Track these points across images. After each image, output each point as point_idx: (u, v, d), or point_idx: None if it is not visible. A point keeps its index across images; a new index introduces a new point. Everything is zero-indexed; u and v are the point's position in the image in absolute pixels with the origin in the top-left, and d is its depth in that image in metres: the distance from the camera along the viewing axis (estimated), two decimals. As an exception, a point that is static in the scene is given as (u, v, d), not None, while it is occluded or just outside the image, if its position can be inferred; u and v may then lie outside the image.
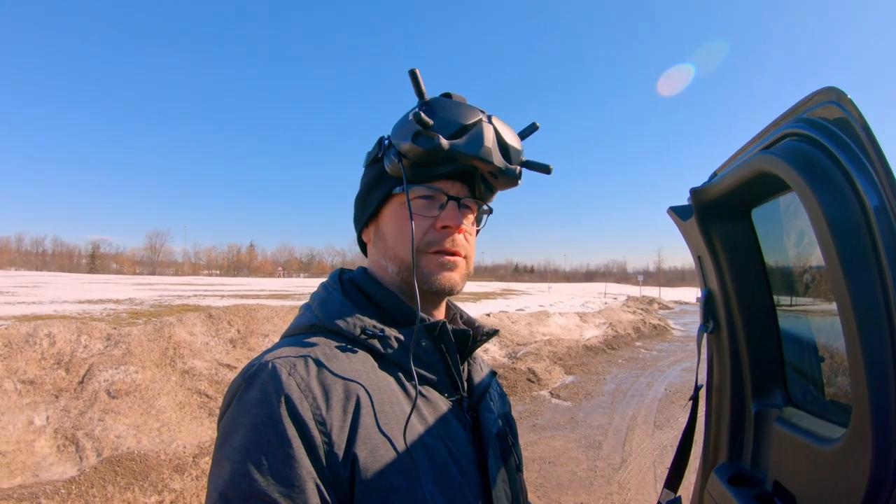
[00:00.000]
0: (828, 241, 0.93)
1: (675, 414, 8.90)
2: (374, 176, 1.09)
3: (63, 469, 5.40)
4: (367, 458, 0.84)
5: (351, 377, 0.90)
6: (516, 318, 17.51)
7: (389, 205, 1.08)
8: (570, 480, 5.99)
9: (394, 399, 0.93)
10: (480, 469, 1.01)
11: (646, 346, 17.83)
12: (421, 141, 0.97)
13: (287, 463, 0.79)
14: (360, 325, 0.98)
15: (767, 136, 1.23)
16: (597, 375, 12.16)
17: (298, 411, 0.82)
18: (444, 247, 1.03)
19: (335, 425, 0.84)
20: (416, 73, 0.97)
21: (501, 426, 1.13)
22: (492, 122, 1.04)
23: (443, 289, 1.04)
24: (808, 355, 1.41)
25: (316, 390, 0.85)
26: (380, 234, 1.10)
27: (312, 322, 1.02)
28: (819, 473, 1.09)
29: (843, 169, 0.94)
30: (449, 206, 1.04)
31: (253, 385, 0.85)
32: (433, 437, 0.94)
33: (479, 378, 1.14)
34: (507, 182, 1.10)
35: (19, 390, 6.43)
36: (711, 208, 1.48)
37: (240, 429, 0.82)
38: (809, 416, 1.28)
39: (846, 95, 0.98)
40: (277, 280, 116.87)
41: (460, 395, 1.05)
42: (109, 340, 8.00)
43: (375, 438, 0.86)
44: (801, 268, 1.36)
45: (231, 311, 10.75)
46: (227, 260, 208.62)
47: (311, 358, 0.90)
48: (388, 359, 0.98)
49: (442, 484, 0.91)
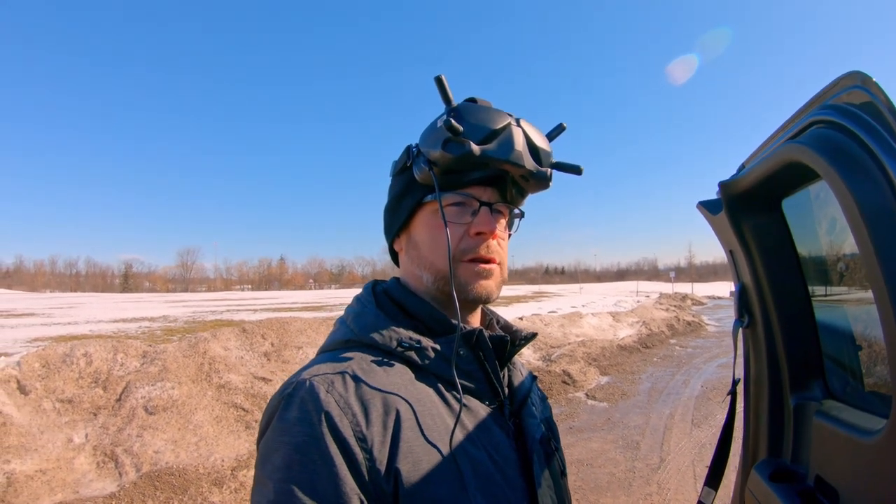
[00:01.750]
0: (860, 228, 0.91)
1: (713, 411, 8.80)
2: (404, 185, 1.09)
3: (103, 485, 5.50)
4: (409, 472, 0.84)
5: (390, 391, 0.90)
6: (549, 321, 17.43)
7: (421, 213, 1.08)
8: (609, 482, 5.94)
9: (434, 411, 0.93)
10: (525, 476, 1.00)
11: (680, 343, 17.65)
12: (451, 148, 0.96)
13: (331, 481, 0.79)
14: (397, 338, 0.98)
15: (794, 125, 1.21)
16: (632, 375, 12.07)
17: (339, 428, 0.82)
18: (479, 254, 1.03)
19: (376, 440, 0.84)
20: (443, 80, 0.98)
21: (544, 431, 1.11)
22: (520, 125, 1.03)
23: (479, 297, 1.03)
24: (845, 346, 1.38)
25: (355, 406, 0.85)
26: (412, 244, 1.09)
27: (348, 337, 1.02)
28: (861, 466, 1.06)
29: (872, 154, 0.92)
30: (482, 211, 1.03)
31: (292, 403, 0.86)
32: (476, 447, 0.93)
33: (519, 383, 1.14)
34: (538, 185, 1.09)
35: (58, 409, 6.57)
36: (741, 201, 1.46)
37: (281, 448, 0.82)
38: (850, 409, 1.25)
39: (871, 79, 0.96)
40: (309, 292, 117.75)
41: (501, 402, 1.04)
42: (145, 358, 8.14)
43: (417, 451, 0.86)
44: (835, 256, 1.34)
45: (264, 324, 10.86)
46: (258, 274, 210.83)
47: (349, 373, 0.90)
48: (426, 370, 0.97)
49: (487, 493, 0.90)
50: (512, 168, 1.02)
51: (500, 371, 1.06)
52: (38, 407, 6.47)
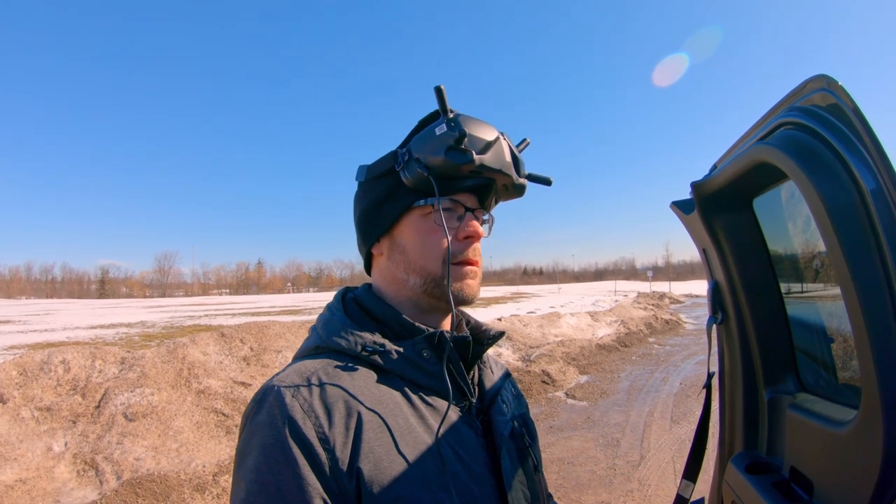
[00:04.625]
0: (828, 227, 0.94)
1: (692, 408, 8.88)
2: (387, 189, 1.10)
3: (84, 493, 5.44)
4: (371, 471, 0.86)
5: (353, 394, 0.93)
6: (528, 321, 17.47)
7: (408, 217, 1.09)
8: (590, 479, 5.98)
9: (397, 411, 0.95)
10: (495, 472, 1.02)
11: (659, 341, 17.78)
12: (454, 156, 1.00)
13: (294, 481, 0.82)
14: (361, 343, 1.00)
15: (763, 127, 1.24)
16: (611, 374, 12.13)
17: (302, 431, 0.85)
18: (467, 256, 1.07)
19: (338, 442, 0.87)
20: (442, 90, 1.01)
21: (517, 427, 1.14)
22: (505, 138, 1.09)
23: (467, 298, 1.07)
24: (818, 340, 1.42)
25: (318, 410, 0.89)
26: (397, 248, 1.10)
27: (317, 343, 1.06)
28: (834, 456, 1.10)
29: (837, 155, 0.95)
30: (468, 217, 1.08)
31: (261, 409, 0.90)
32: (440, 445, 0.96)
33: (490, 381, 1.17)
34: (517, 193, 1.17)
35: (36, 417, 6.48)
36: (713, 201, 1.49)
37: (252, 450, 0.86)
38: (822, 401, 1.29)
39: (836, 82, 0.99)
40: (287, 296, 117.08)
41: (469, 401, 1.07)
42: (124, 364, 8.04)
43: (378, 451, 0.89)
44: (810, 254, 1.37)
45: (243, 328, 10.78)
46: (235, 278, 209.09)
47: (314, 379, 0.93)
48: (391, 373, 1.00)
49: (453, 491, 0.92)
50: (501, 177, 1.09)
51: (466, 370, 1.09)
52: (17, 415, 6.37)
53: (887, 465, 0.92)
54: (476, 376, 1.15)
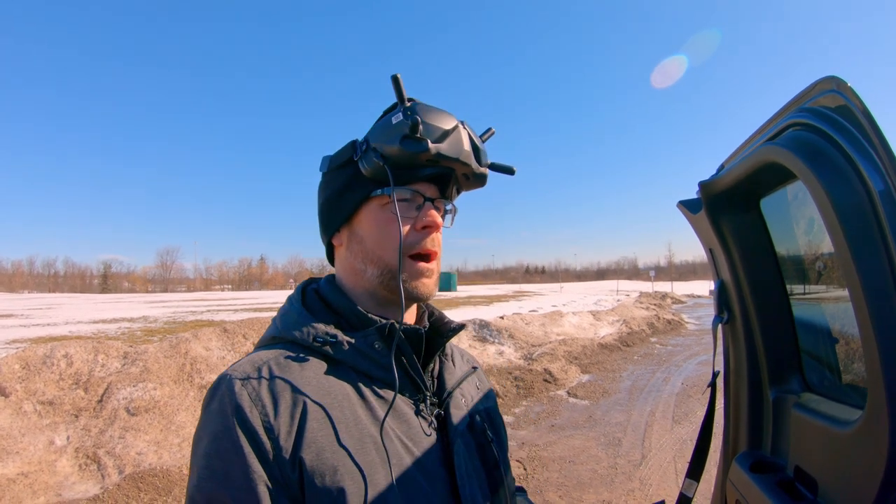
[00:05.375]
0: (836, 227, 0.95)
1: (693, 408, 8.87)
2: (346, 179, 1.11)
3: (86, 487, 5.44)
4: (312, 461, 0.88)
5: (300, 384, 0.94)
6: (530, 320, 17.46)
7: (366, 207, 1.10)
8: (591, 478, 5.98)
9: (345, 403, 0.96)
10: (448, 467, 1.03)
11: (661, 341, 17.75)
12: (409, 144, 1.00)
13: (240, 467, 0.85)
14: (314, 333, 1.01)
15: (772, 127, 1.24)
16: (613, 373, 12.13)
17: (249, 420, 0.87)
18: (425, 246, 1.07)
19: (283, 431, 0.88)
20: (399, 79, 1.01)
21: (479, 421, 1.15)
22: (465, 127, 1.08)
23: (421, 297, 1.08)
24: (823, 341, 1.42)
25: (265, 399, 0.90)
26: (356, 238, 1.11)
27: (274, 334, 1.07)
28: (839, 456, 1.10)
29: (846, 155, 0.95)
30: (427, 206, 1.08)
31: (214, 397, 0.92)
32: (389, 438, 0.96)
33: (450, 375, 1.17)
34: (477, 183, 1.16)
35: (39, 411, 6.48)
36: (720, 200, 1.50)
37: (204, 437, 0.90)
38: (827, 401, 1.29)
39: (846, 83, 1.00)
40: (289, 292, 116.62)
41: (423, 394, 1.07)
42: (126, 359, 8.05)
43: (321, 441, 0.90)
44: (813, 255, 1.37)
45: (245, 324, 10.78)
46: (238, 274, 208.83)
47: (265, 369, 0.95)
48: (343, 363, 1.01)
49: (400, 484, 0.93)
50: (459, 166, 1.08)
51: (419, 363, 1.08)
52: (19, 409, 6.38)
53: (892, 464, 0.92)
54: (436, 369, 1.16)
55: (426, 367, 1.11)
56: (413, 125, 0.98)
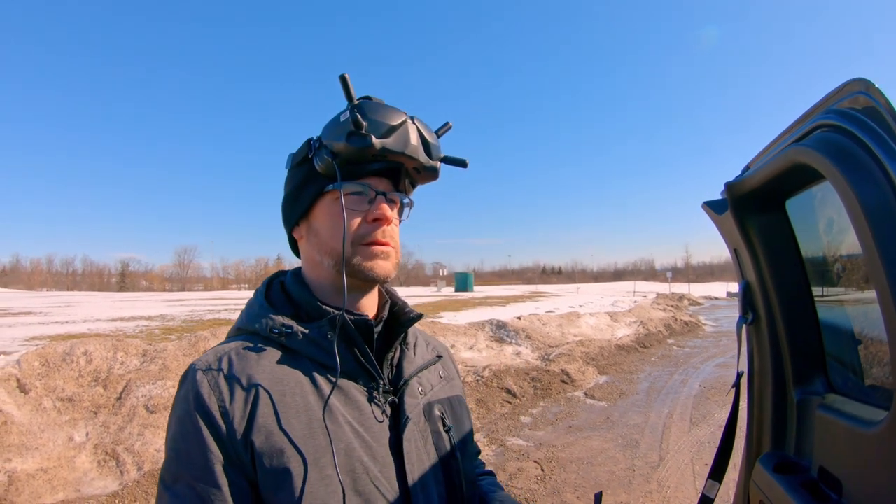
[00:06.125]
0: (864, 228, 0.95)
1: (711, 410, 8.83)
2: (303, 175, 1.17)
3: (105, 484, 5.50)
4: (262, 444, 0.95)
5: (255, 372, 1.01)
6: (547, 320, 17.42)
7: (321, 202, 1.16)
8: (609, 480, 5.97)
9: (297, 390, 1.02)
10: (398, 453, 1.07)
11: (678, 343, 17.67)
12: (354, 140, 1.05)
13: (199, 449, 0.94)
14: (271, 325, 1.08)
15: (799, 129, 1.25)
16: (630, 374, 12.08)
17: (207, 406, 0.96)
18: (375, 238, 1.11)
19: (237, 415, 0.96)
20: (346, 78, 1.05)
21: (437, 409, 1.20)
22: (415, 122, 1.13)
23: (378, 277, 1.12)
24: (846, 343, 1.42)
25: (222, 386, 0.98)
26: (313, 231, 1.17)
27: (238, 326, 1.16)
28: (864, 456, 1.10)
29: (875, 156, 0.95)
30: (378, 200, 1.13)
31: (182, 385, 1.02)
32: (337, 423, 1.01)
33: (409, 363, 1.21)
34: (429, 176, 1.22)
35: (58, 408, 6.54)
36: (746, 201, 1.50)
37: (172, 422, 1.00)
38: (852, 402, 1.29)
39: (873, 85, 1.00)
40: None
41: (377, 383, 1.11)
42: (145, 356, 8.11)
43: (270, 426, 0.96)
44: (834, 258, 1.38)
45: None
46: (255, 273, 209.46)
47: (225, 359, 1.03)
48: (299, 353, 1.07)
49: (346, 468, 0.99)
50: (407, 160, 1.13)
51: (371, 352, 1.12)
52: (39, 406, 6.44)
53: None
54: (396, 358, 1.20)
55: (384, 356, 1.16)
56: (355, 122, 1.04)
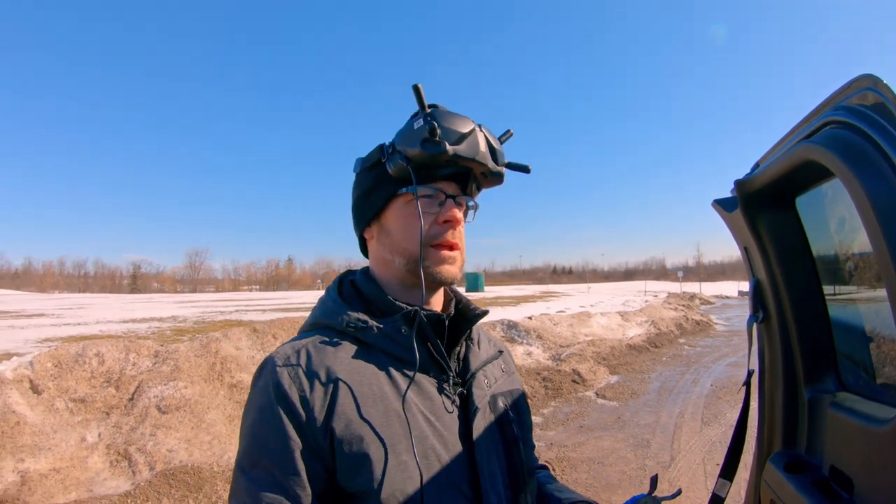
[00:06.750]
0: (874, 225, 0.94)
1: (723, 410, 8.79)
2: (375, 179, 1.22)
3: (117, 483, 5.54)
4: (342, 431, 1.00)
5: (333, 364, 1.07)
6: (558, 320, 17.38)
7: (394, 204, 1.21)
8: (620, 480, 5.96)
9: (373, 381, 1.08)
10: (467, 440, 1.13)
11: (689, 342, 17.61)
12: (429, 147, 1.10)
13: (278, 437, 0.98)
14: (347, 320, 1.13)
15: (808, 126, 1.24)
16: (641, 374, 12.05)
17: (288, 395, 1.01)
18: (445, 239, 1.17)
19: (317, 405, 1.01)
20: (419, 88, 1.12)
21: (501, 401, 1.26)
22: (482, 129, 1.18)
23: (445, 280, 1.19)
24: (857, 341, 1.41)
25: (302, 376, 1.03)
26: (385, 232, 1.23)
27: (312, 321, 1.22)
28: (875, 454, 1.09)
29: (884, 153, 0.95)
30: (449, 203, 1.19)
31: (260, 376, 1.07)
32: (411, 412, 1.06)
33: (475, 357, 1.27)
34: (495, 181, 1.26)
35: (71, 408, 6.60)
36: (756, 198, 1.49)
37: (251, 410, 1.05)
38: (863, 400, 1.28)
39: (882, 81, 1.00)
40: (317, 292, 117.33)
41: (447, 374, 1.17)
42: (157, 357, 8.17)
43: (350, 414, 1.01)
44: (845, 255, 1.37)
45: (275, 324, 10.91)
46: (266, 275, 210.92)
47: (303, 351, 1.08)
48: (373, 346, 1.12)
49: (420, 455, 1.03)
50: (476, 166, 1.18)
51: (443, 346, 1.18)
52: (51, 406, 6.50)
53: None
54: (462, 352, 1.25)
55: (452, 350, 1.21)
56: (431, 129, 1.09)
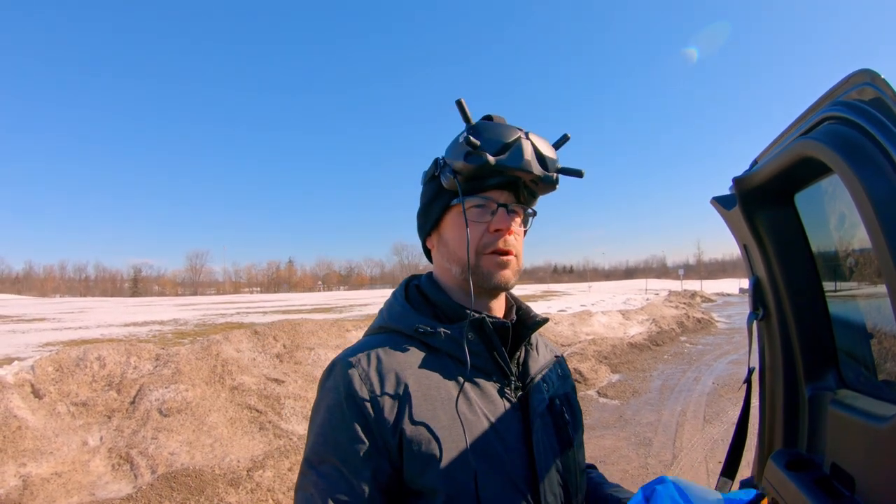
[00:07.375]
0: (873, 221, 0.94)
1: (725, 408, 8.79)
2: (433, 191, 1.28)
3: (119, 487, 5.53)
4: (412, 432, 1.04)
5: (403, 367, 1.11)
6: (559, 319, 17.39)
7: (448, 215, 1.26)
8: (622, 479, 5.96)
9: (440, 384, 1.12)
10: (527, 443, 1.15)
11: (690, 340, 17.61)
12: (471, 159, 1.14)
13: (348, 435, 1.03)
14: (415, 325, 1.17)
15: (806, 122, 1.24)
16: (643, 372, 12.05)
17: (358, 395, 1.05)
18: (497, 247, 1.19)
19: (386, 405, 1.05)
20: (462, 103, 1.15)
21: (558, 405, 1.27)
22: (529, 137, 1.20)
23: (499, 284, 1.21)
24: (857, 338, 1.41)
25: (373, 378, 1.08)
26: (442, 241, 1.28)
27: (380, 324, 1.26)
28: (876, 451, 1.09)
29: (882, 148, 0.95)
30: (499, 212, 1.21)
31: (330, 376, 1.12)
32: (476, 415, 1.10)
33: (534, 362, 1.28)
34: (547, 187, 1.27)
35: (72, 412, 6.61)
36: (755, 195, 1.49)
37: (320, 409, 1.09)
38: (864, 397, 1.28)
39: (879, 76, 1.00)
40: (318, 294, 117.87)
41: (509, 379, 1.20)
42: (158, 361, 8.18)
43: (419, 415, 1.05)
44: (845, 251, 1.37)
45: (276, 326, 10.92)
46: (266, 277, 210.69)
47: (373, 354, 1.12)
48: (440, 350, 1.16)
49: (482, 454, 1.07)
50: (522, 174, 1.19)
51: (506, 352, 1.21)
52: (53, 410, 6.50)
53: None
54: (522, 357, 1.28)
55: (513, 355, 1.25)
56: (469, 142, 1.12)
